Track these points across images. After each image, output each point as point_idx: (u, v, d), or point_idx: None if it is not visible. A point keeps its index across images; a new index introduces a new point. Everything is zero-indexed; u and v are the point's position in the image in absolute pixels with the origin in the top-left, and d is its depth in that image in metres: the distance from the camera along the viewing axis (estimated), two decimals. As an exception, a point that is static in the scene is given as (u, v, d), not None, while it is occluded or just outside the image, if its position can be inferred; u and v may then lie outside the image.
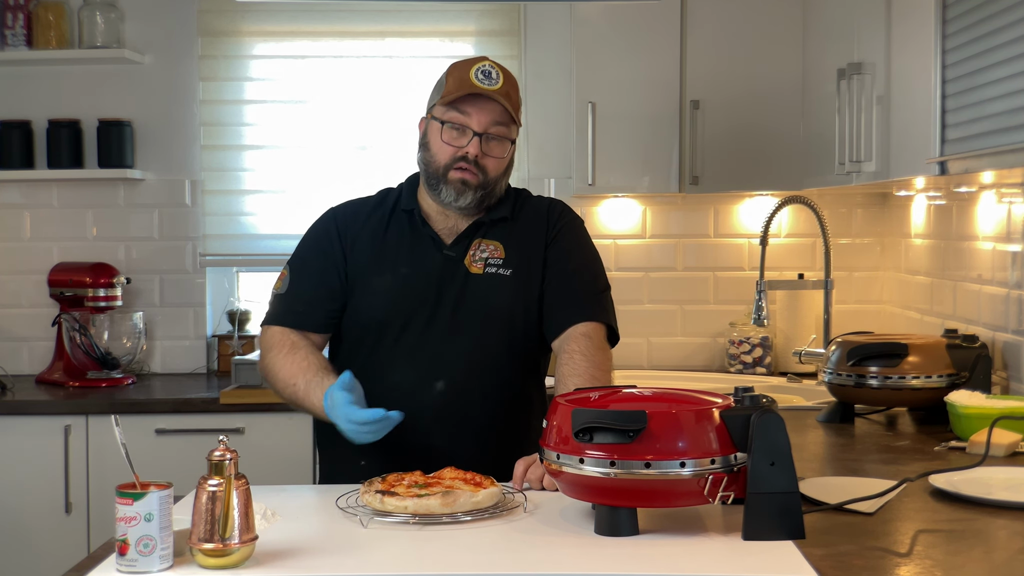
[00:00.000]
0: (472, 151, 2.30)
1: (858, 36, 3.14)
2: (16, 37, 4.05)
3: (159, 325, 4.19)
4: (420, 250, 2.38)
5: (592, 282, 2.40)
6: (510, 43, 4.16)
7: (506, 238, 2.39)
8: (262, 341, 2.42)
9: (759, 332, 4.07)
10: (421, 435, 2.29)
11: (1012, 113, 2.26)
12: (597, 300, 2.38)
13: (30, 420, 3.60)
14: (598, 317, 2.34)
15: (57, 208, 4.17)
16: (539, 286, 2.36)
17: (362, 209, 2.47)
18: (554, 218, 2.43)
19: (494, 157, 2.32)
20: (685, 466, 1.73)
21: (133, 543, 1.63)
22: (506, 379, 2.35)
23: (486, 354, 2.33)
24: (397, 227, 2.41)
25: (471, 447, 2.26)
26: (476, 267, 2.36)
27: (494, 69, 2.32)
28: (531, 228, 2.41)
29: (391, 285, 2.36)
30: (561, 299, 2.35)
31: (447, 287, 2.34)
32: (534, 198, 2.50)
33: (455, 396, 2.32)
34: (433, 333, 2.33)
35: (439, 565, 1.71)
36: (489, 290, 2.34)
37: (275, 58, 4.20)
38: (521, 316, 2.35)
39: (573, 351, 2.27)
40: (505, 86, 2.32)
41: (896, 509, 1.98)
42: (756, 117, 3.78)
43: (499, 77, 2.31)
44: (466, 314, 2.33)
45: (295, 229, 4.17)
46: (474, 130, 2.30)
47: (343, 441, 2.38)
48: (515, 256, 2.37)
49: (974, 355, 2.80)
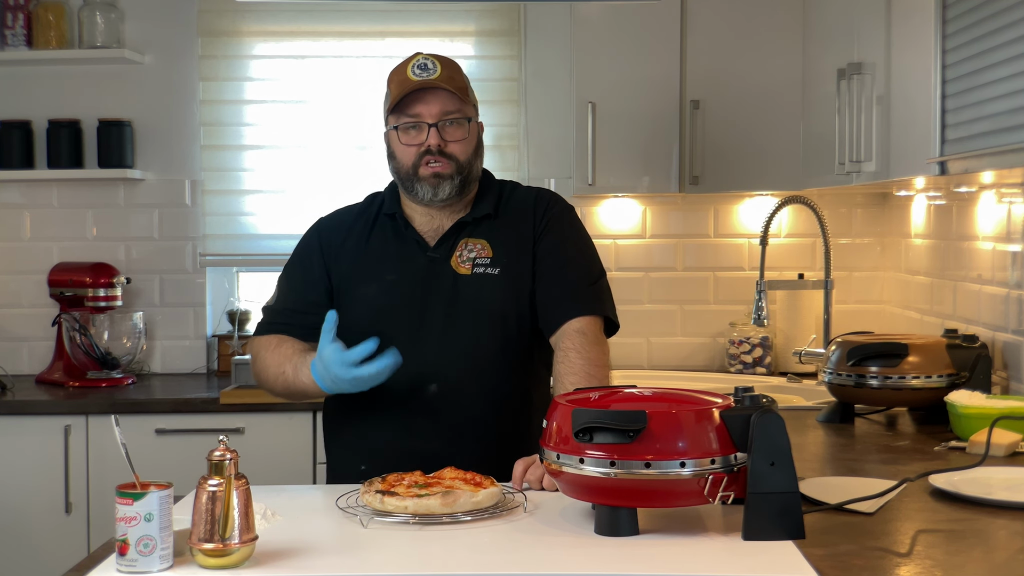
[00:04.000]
0: (433, 142, 2.29)
1: (858, 36, 3.14)
2: (16, 37, 4.05)
3: (159, 325, 4.19)
4: (405, 254, 2.37)
5: (585, 273, 2.37)
6: (510, 43, 4.16)
7: (492, 236, 2.37)
8: (251, 350, 2.45)
9: (759, 332, 4.07)
10: (419, 439, 2.29)
11: (1012, 113, 2.26)
12: (591, 292, 2.35)
13: (30, 420, 3.60)
14: (593, 310, 2.32)
15: (57, 208, 4.17)
16: (530, 283, 2.35)
17: (345, 219, 2.47)
18: (541, 211, 2.40)
19: (457, 141, 2.32)
20: (685, 466, 1.73)
21: (133, 543, 1.63)
22: (501, 379, 2.34)
23: (478, 355, 2.32)
24: (381, 233, 2.41)
25: (470, 448, 2.25)
26: (464, 268, 2.34)
27: (429, 60, 2.32)
28: (517, 223, 2.39)
29: (376, 293, 2.36)
30: (553, 295, 2.33)
31: (434, 289, 2.33)
32: (520, 190, 2.47)
33: (449, 398, 2.31)
34: (423, 336, 2.32)
35: (439, 565, 1.71)
36: (478, 290, 2.33)
37: (275, 58, 4.20)
38: (513, 315, 2.34)
39: (568, 348, 2.26)
40: (445, 72, 2.31)
41: (896, 509, 1.97)
42: (756, 117, 3.78)
43: (435, 66, 2.31)
44: (456, 315, 2.32)
45: (295, 229, 4.15)
46: (427, 122, 2.30)
47: (345, 445, 2.40)
48: (503, 254, 2.35)
49: (974, 355, 2.80)
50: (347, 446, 2.42)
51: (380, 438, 2.34)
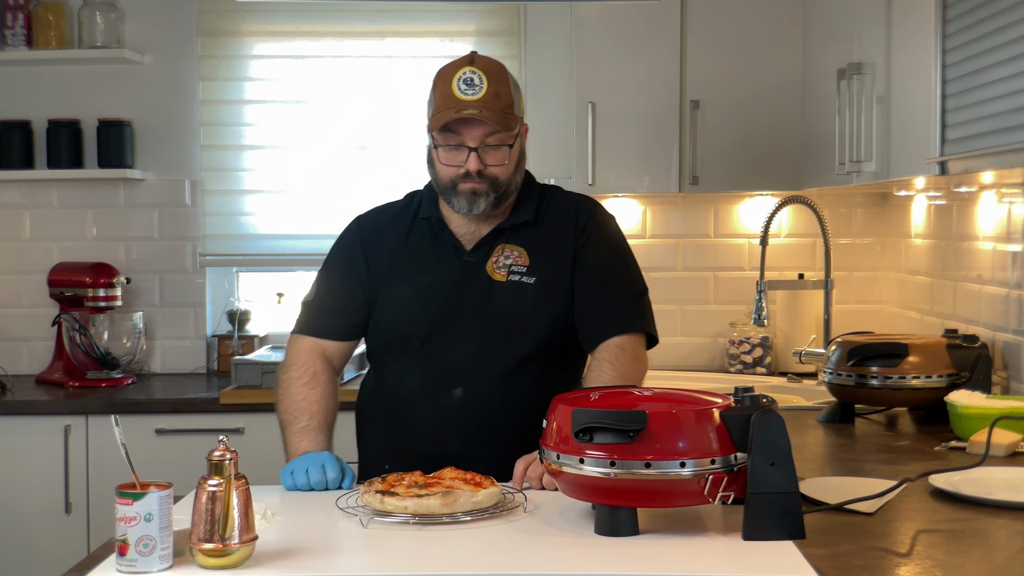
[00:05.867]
0: (472, 167, 2.26)
1: (858, 36, 3.14)
2: (16, 37, 4.05)
3: (159, 325, 4.19)
4: (441, 257, 2.36)
5: (626, 289, 2.37)
6: (510, 43, 4.16)
7: (530, 244, 2.35)
8: (288, 350, 2.44)
9: (759, 332, 4.07)
10: (443, 442, 2.29)
11: (1012, 113, 2.26)
12: (632, 308, 2.35)
13: (30, 420, 3.60)
14: (634, 327, 2.32)
15: (57, 208, 4.17)
16: (567, 295, 2.33)
17: (384, 217, 2.45)
18: (582, 221, 2.37)
19: (497, 165, 2.28)
20: (685, 466, 1.73)
21: (133, 543, 1.63)
22: (528, 387, 2.30)
23: (507, 362, 2.31)
24: (419, 235, 2.39)
25: (493, 454, 2.22)
26: (499, 274, 2.33)
27: (476, 74, 2.25)
28: (557, 233, 2.36)
29: (412, 295, 2.35)
30: (594, 310, 2.32)
31: (468, 294, 2.32)
32: (561, 196, 2.44)
33: (475, 403, 2.30)
34: (453, 340, 2.31)
35: (439, 565, 1.71)
36: (512, 298, 2.31)
37: (275, 58, 4.20)
38: (546, 326, 2.32)
39: (603, 359, 2.27)
40: (491, 89, 2.25)
41: (896, 509, 1.97)
42: (756, 117, 3.78)
43: (482, 83, 2.24)
44: (487, 322, 2.31)
45: (295, 229, 4.20)
46: (469, 146, 2.26)
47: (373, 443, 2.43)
48: (540, 264, 2.33)
49: (974, 355, 2.80)
50: (374, 445, 2.45)
51: (404, 439, 2.35)
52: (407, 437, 2.35)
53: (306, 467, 2.15)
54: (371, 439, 2.46)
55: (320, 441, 2.27)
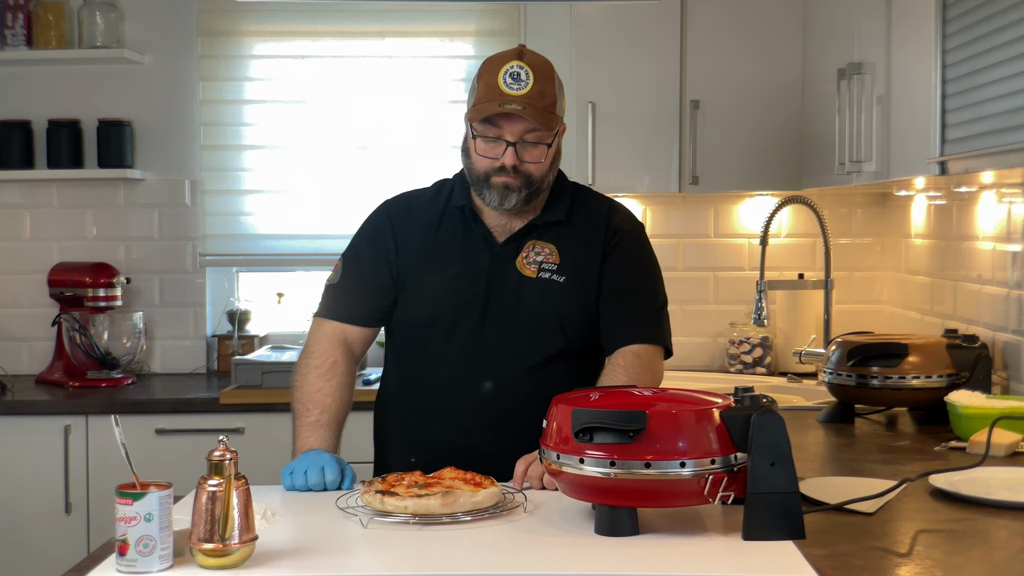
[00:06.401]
0: (508, 161, 2.25)
1: (858, 36, 3.14)
2: (16, 37, 4.05)
3: (159, 325, 4.19)
4: (471, 248, 2.34)
5: (650, 300, 2.38)
6: (510, 43, 4.14)
7: (561, 242, 2.35)
8: (310, 336, 2.40)
9: (759, 332, 4.07)
10: (468, 435, 2.29)
11: (1012, 113, 2.26)
12: (654, 319, 2.36)
13: (30, 420, 3.60)
14: (654, 339, 2.33)
15: (57, 208, 4.17)
16: (594, 296, 2.33)
17: (415, 203, 2.42)
18: (612, 228, 2.38)
19: (534, 161, 2.27)
20: (685, 466, 1.73)
21: (133, 543, 1.63)
22: (555, 383, 2.26)
23: (536, 358, 2.31)
24: (450, 223, 2.37)
25: (517, 449, 2.20)
26: (530, 270, 2.32)
27: (524, 69, 2.26)
28: (587, 235, 2.36)
29: (440, 284, 2.33)
30: (617, 317, 2.32)
31: (497, 287, 2.32)
32: (594, 198, 2.44)
33: (503, 397, 2.30)
34: (483, 334, 2.31)
35: (439, 565, 1.71)
36: (543, 296, 2.31)
37: (275, 58, 4.19)
38: (574, 325, 2.32)
39: (618, 364, 2.27)
40: (536, 86, 2.25)
41: (896, 509, 1.97)
42: (756, 117, 3.78)
43: (528, 79, 2.25)
44: (516, 317, 2.31)
45: (295, 229, 4.20)
46: (507, 140, 2.25)
47: (395, 436, 2.41)
48: (570, 263, 2.33)
49: (974, 355, 2.80)
50: (397, 437, 2.43)
51: (429, 431, 2.34)
52: (432, 429, 2.34)
53: (305, 469, 2.14)
54: (392, 432, 2.44)
55: (327, 439, 2.26)
